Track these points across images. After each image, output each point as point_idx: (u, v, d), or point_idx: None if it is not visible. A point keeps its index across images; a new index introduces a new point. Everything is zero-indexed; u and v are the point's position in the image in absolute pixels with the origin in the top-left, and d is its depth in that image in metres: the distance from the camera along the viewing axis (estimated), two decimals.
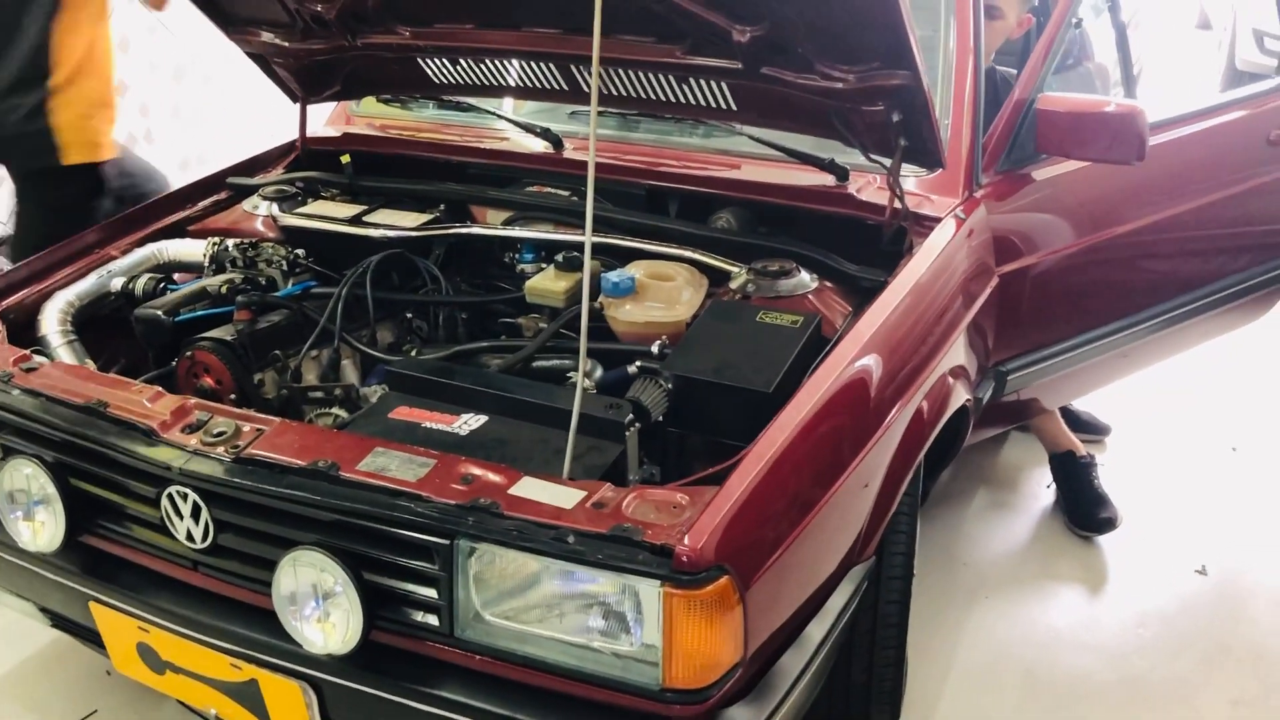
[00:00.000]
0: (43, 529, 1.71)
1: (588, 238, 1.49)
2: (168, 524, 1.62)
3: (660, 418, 1.69)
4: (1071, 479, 2.86)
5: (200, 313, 1.99)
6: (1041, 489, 2.97)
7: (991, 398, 2.35)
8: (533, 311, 2.05)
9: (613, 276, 1.92)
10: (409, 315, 2.12)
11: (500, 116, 2.57)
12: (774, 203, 2.19)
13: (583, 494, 1.44)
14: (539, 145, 2.48)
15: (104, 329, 2.21)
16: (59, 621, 1.90)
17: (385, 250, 2.13)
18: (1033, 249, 2.33)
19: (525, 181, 2.39)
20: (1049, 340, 2.48)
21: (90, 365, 1.99)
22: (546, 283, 2.00)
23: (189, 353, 1.89)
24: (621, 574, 1.35)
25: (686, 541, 1.33)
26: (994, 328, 2.26)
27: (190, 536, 1.61)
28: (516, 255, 2.20)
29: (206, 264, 2.24)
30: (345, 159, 2.42)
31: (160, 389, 1.73)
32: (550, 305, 2.00)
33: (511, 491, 1.46)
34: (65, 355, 2.03)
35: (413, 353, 2.03)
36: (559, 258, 2.05)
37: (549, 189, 2.35)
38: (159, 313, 1.98)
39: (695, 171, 2.31)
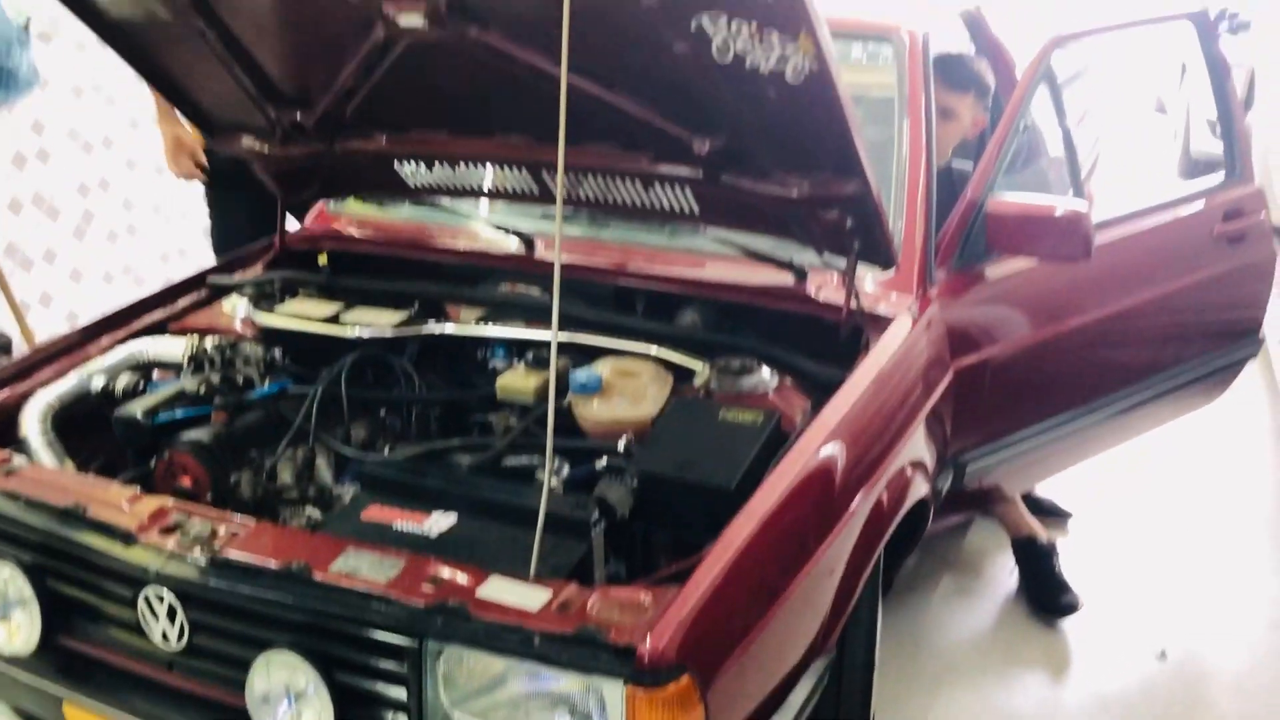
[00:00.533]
0: (18, 631, 1.74)
1: (554, 335, 1.56)
2: (144, 625, 1.65)
3: (626, 514, 1.75)
4: (1033, 564, 2.92)
5: (179, 414, 2.04)
6: (1005, 574, 3.03)
7: (951, 487, 2.41)
8: (504, 409, 2.11)
9: (580, 375, 1.99)
10: (383, 413, 2.17)
11: (472, 216, 2.65)
12: (736, 301, 2.27)
13: (548, 594, 1.49)
14: (512, 244, 2.56)
15: (84, 426, 2.25)
16: None
17: (360, 349, 2.19)
18: (987, 342, 2.42)
19: (498, 279, 2.47)
20: (1006, 429, 2.56)
21: (70, 466, 2.03)
22: (516, 380, 2.07)
23: (166, 454, 1.94)
24: (586, 674, 1.40)
25: (648, 642, 1.38)
26: (951, 418, 2.34)
27: (165, 637, 1.64)
28: (489, 353, 2.27)
29: (185, 363, 2.29)
30: (322, 258, 2.49)
31: (138, 491, 1.77)
32: (520, 402, 2.06)
33: (479, 593, 1.50)
34: (45, 456, 2.07)
35: (386, 450, 2.08)
36: (528, 356, 2.12)
37: (521, 287, 2.43)
38: (137, 415, 2.03)
39: (661, 270, 2.40)
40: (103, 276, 4.50)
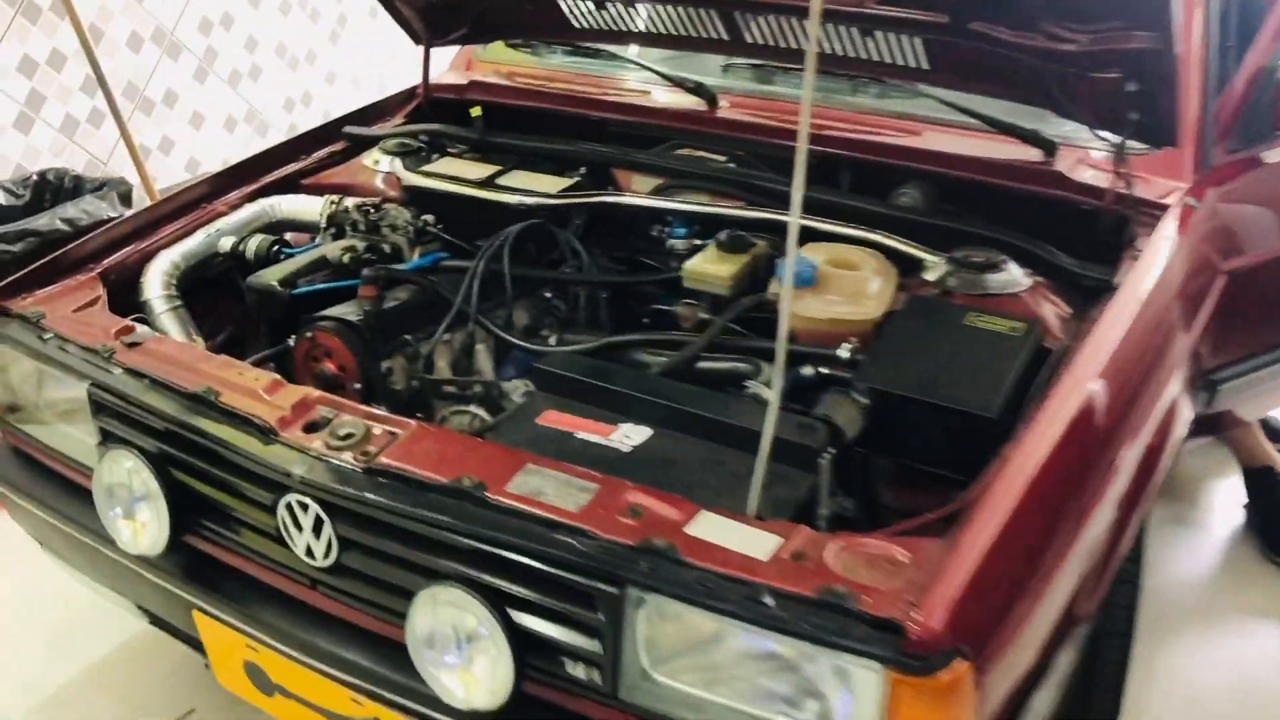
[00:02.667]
0: (144, 530, 1.52)
1: (794, 219, 1.22)
2: (285, 535, 1.41)
3: (852, 439, 1.44)
4: (1269, 497, 2.53)
5: (320, 285, 1.77)
6: (1229, 505, 2.65)
7: (1201, 411, 2.04)
8: (688, 297, 1.80)
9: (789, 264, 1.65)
10: (547, 295, 1.88)
11: (645, 67, 2.29)
12: (969, 179, 1.89)
13: (777, 540, 1.20)
14: (689, 102, 2.20)
15: (210, 291, 2.02)
16: (157, 621, 1.73)
17: (524, 220, 1.89)
18: (1264, 241, 2.01)
19: (673, 143, 2.12)
20: (1264, 345, 2.16)
21: (199, 342, 1.79)
22: (708, 266, 1.74)
23: (309, 333, 1.68)
24: (831, 650, 1.11)
25: (918, 616, 1.07)
26: (1213, 334, 1.95)
27: (310, 552, 1.40)
28: (666, 229, 1.94)
29: (323, 224, 2.03)
30: (476, 112, 2.17)
31: (278, 376, 1.52)
32: (712, 292, 1.74)
33: (689, 530, 1.22)
34: (169, 324, 1.84)
35: (551, 339, 1.79)
36: (721, 236, 1.79)
37: (701, 152, 2.08)
38: (274, 284, 1.77)
39: (872, 137, 2.02)
40: (224, 122, 4.26)
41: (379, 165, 2.17)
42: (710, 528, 1.22)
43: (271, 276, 1.78)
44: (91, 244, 1.92)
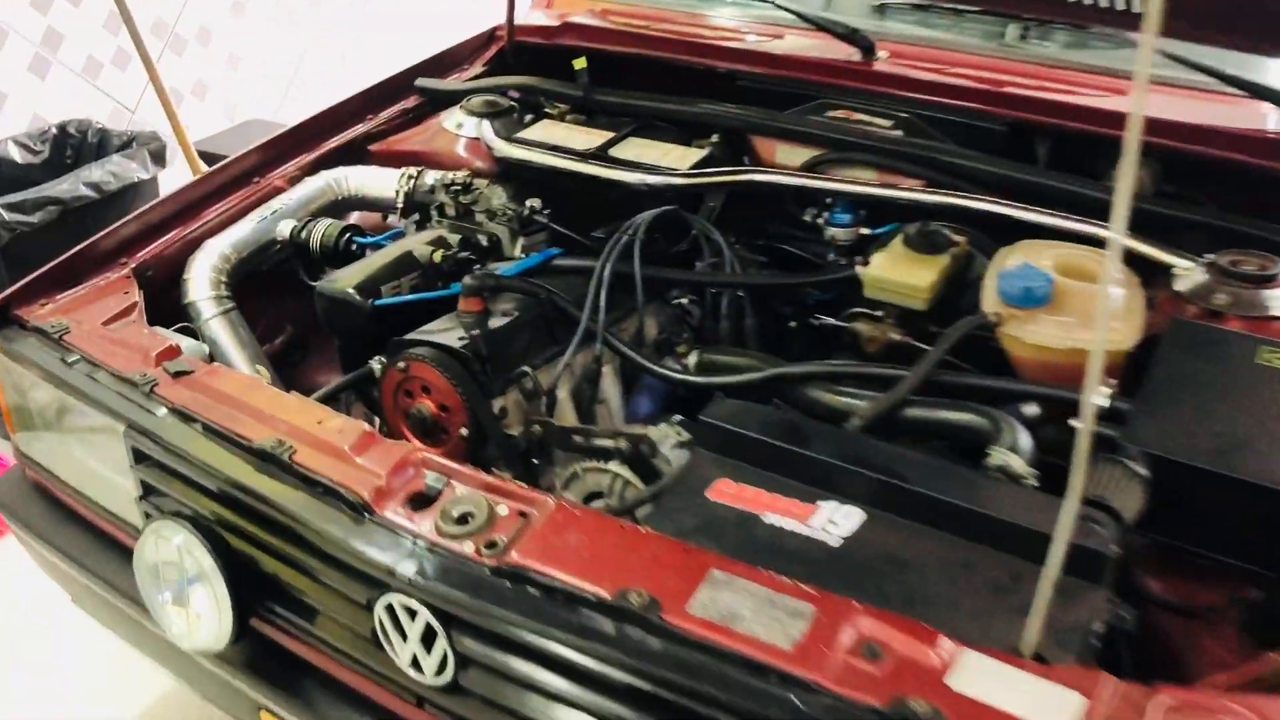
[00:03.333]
0: (200, 622, 1.20)
1: (1117, 232, 0.84)
2: (384, 642, 1.09)
3: (1131, 524, 1.09)
4: None
5: (408, 297, 1.43)
6: None
7: None
8: (864, 306, 1.44)
9: (1017, 274, 1.28)
10: (684, 299, 1.52)
11: (781, 6, 1.89)
12: (1207, 155, 1.51)
13: (1078, 701, 0.86)
14: (839, 51, 1.81)
15: (264, 285, 1.68)
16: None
17: (648, 204, 1.53)
18: None
19: (821, 102, 1.74)
20: None
21: (265, 372, 1.44)
22: (898, 271, 1.38)
23: (402, 364, 1.33)
24: None
25: None
26: None
27: (418, 665, 1.07)
28: (824, 214, 1.57)
29: (399, 205, 1.68)
30: (580, 64, 1.79)
31: (368, 428, 1.17)
32: (903, 305, 1.38)
33: (951, 682, 0.88)
34: (220, 332, 1.51)
35: (689, 357, 1.44)
36: (909, 230, 1.42)
37: (858, 115, 1.70)
38: (352, 292, 1.42)
39: (1074, 99, 1.63)
40: (260, 62, 3.88)
41: (462, 129, 1.81)
42: (980, 678, 0.89)
43: (347, 282, 1.43)
44: (124, 231, 1.59)
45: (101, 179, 2.58)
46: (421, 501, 1.09)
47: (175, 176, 2.74)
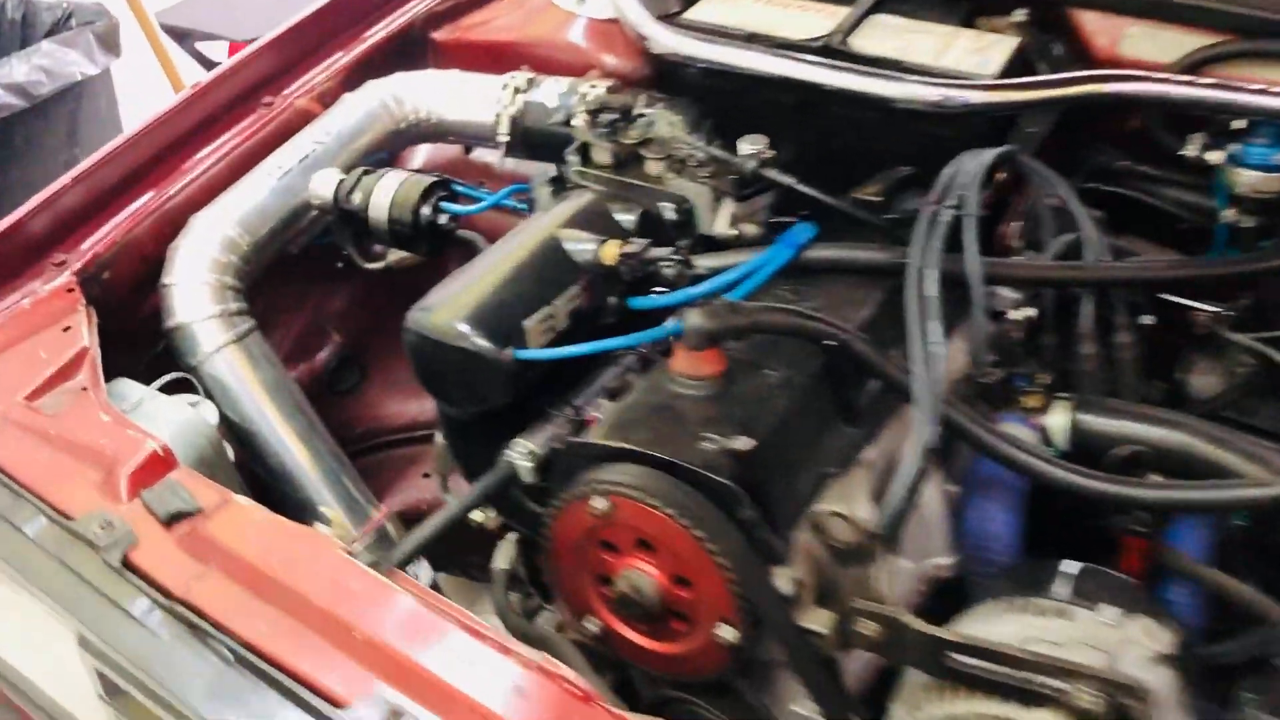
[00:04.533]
0: None
1: None
2: None
3: None
4: None
5: (581, 349, 0.78)
6: None
7: None
8: None
9: None
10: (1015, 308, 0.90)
11: None
12: None
13: None
14: None
15: (292, 272, 1.07)
16: None
17: (923, 141, 0.94)
18: None
19: None
20: None
21: (303, 457, 0.84)
22: None
23: (602, 503, 0.68)
24: None
25: None
26: None
27: None
28: (1226, 144, 0.94)
29: (502, 135, 1.04)
30: None
31: (570, 679, 0.57)
32: None
33: None
34: (238, 384, 0.91)
35: (1053, 413, 0.82)
36: None
37: None
38: (478, 340, 0.77)
39: None
40: None
41: (584, 5, 1.16)
42: None
43: (456, 312, 0.78)
44: (64, 202, 0.96)
45: (30, 78, 1.86)
46: None
47: (133, 71, 2.04)
